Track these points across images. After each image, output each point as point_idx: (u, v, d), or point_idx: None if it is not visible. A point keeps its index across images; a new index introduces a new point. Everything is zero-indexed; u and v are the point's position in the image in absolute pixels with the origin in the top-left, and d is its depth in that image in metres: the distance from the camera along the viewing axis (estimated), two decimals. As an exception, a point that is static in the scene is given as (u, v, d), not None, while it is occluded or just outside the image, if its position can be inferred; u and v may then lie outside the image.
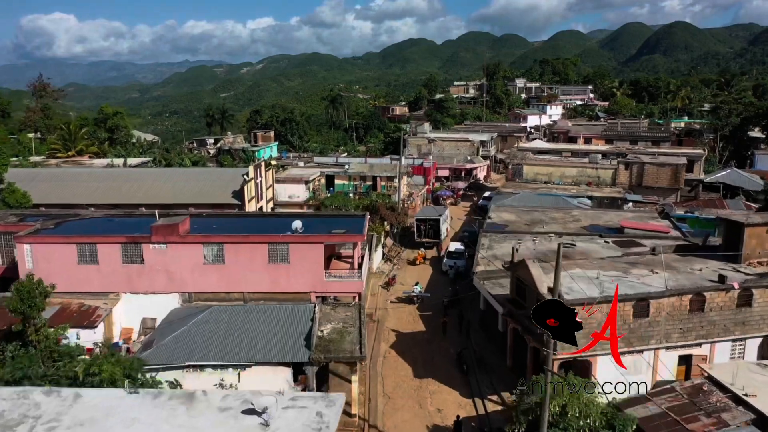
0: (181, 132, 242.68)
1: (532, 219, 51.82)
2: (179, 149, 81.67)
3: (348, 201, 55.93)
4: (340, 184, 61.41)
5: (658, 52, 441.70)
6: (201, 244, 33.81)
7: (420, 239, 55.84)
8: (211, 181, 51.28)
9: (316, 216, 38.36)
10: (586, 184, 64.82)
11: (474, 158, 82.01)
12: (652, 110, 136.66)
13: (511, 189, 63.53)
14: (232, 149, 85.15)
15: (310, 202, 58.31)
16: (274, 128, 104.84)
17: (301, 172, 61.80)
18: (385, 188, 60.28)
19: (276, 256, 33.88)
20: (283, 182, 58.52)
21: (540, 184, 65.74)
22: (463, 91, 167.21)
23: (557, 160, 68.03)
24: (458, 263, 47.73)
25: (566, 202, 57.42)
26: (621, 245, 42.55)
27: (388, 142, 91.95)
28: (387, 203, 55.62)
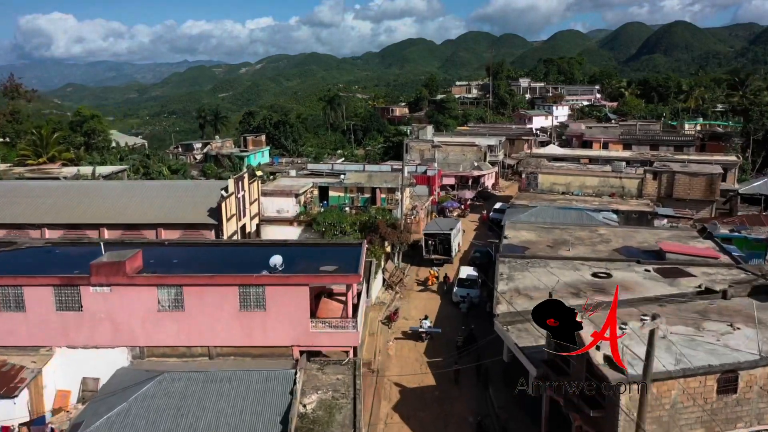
0: (178, 132, 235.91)
1: (555, 239, 44.58)
2: (161, 155, 74.38)
3: (343, 217, 48.60)
4: (334, 197, 54.06)
5: (659, 51, 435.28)
6: (155, 286, 26.46)
7: (429, 256, 48.71)
8: (184, 197, 43.91)
9: (302, 245, 31.18)
10: (609, 196, 57.50)
11: (481, 164, 74.68)
12: (663, 111, 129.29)
13: (525, 201, 56.18)
14: (220, 155, 77.79)
15: (300, 218, 50.96)
16: (267, 131, 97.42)
17: (291, 183, 54.46)
18: (386, 202, 52.98)
19: (249, 302, 26.55)
20: (270, 195, 51.16)
21: (557, 195, 58.39)
22: (465, 92, 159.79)
23: (576, 169, 60.67)
24: (471, 293, 40.46)
25: (590, 218, 50.12)
26: (665, 274, 35.39)
27: (388, 146, 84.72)
28: (387, 219, 48.32)
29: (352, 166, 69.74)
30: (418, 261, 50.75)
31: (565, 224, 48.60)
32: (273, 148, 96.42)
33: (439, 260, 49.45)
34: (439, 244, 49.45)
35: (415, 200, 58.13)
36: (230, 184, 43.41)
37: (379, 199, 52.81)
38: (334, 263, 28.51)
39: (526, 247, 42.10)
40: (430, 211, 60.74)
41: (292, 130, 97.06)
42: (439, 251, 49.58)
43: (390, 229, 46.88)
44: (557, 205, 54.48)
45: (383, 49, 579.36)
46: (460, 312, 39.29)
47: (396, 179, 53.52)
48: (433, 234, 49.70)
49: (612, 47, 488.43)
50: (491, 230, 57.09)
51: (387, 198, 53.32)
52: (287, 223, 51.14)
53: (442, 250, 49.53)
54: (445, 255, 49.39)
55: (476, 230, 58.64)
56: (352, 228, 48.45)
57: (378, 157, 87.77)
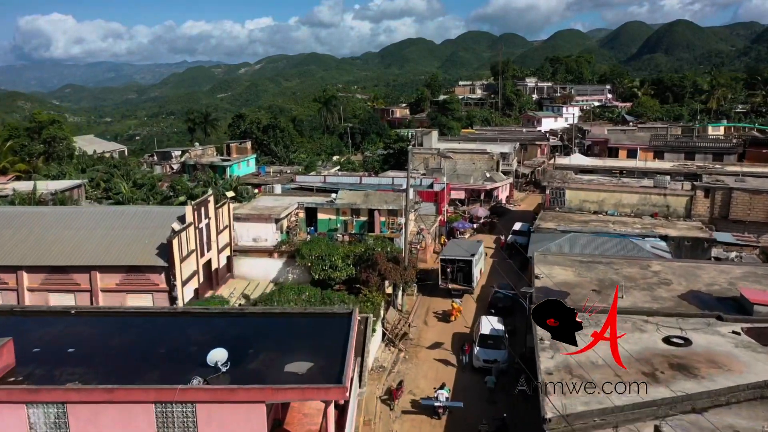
0: (176, 133, 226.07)
1: (600, 279, 34.69)
2: (130, 167, 64.40)
3: (333, 249, 38.65)
4: (324, 220, 44.11)
5: (660, 50, 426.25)
6: (23, 403, 16.51)
7: (446, 285, 40.32)
8: (129, 229, 33.89)
9: (263, 315, 21.21)
10: (651, 216, 47.55)
11: (494, 175, 64.69)
12: (681, 112, 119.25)
13: (552, 223, 46.22)
14: (199, 164, 67.78)
15: (282, 248, 41.01)
16: (255, 136, 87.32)
17: (273, 203, 44.47)
18: (386, 226, 42.99)
19: (173, 427, 16.60)
20: (245, 220, 41.19)
21: (588, 216, 48.46)
22: (468, 92, 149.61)
23: (609, 183, 50.63)
24: (499, 358, 30.54)
25: (637, 248, 40.14)
26: (759, 337, 25.83)
27: (388, 154, 74.78)
28: (388, 252, 38.39)
29: (346, 179, 59.80)
30: (430, 289, 41.93)
31: (608, 257, 38.71)
32: (262, 155, 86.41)
33: (457, 290, 40.39)
34: (458, 271, 40.34)
35: (420, 221, 48.13)
36: (187, 212, 33.43)
37: (378, 223, 42.83)
38: (308, 354, 18.52)
39: (566, 293, 32.13)
40: (438, 234, 50.79)
41: (283, 135, 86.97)
42: (459, 280, 40.39)
43: (391, 265, 36.95)
44: (591, 229, 44.54)
45: (383, 49, 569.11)
46: (485, 383, 29.31)
47: (398, 199, 43.57)
48: (452, 260, 40.54)
49: (612, 47, 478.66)
50: (511, 257, 47.21)
51: (387, 222, 43.35)
52: (266, 254, 41.20)
53: (461, 278, 40.39)
54: (466, 284, 40.41)
55: (493, 257, 48.60)
56: (344, 262, 38.58)
57: (377, 165, 77.77)
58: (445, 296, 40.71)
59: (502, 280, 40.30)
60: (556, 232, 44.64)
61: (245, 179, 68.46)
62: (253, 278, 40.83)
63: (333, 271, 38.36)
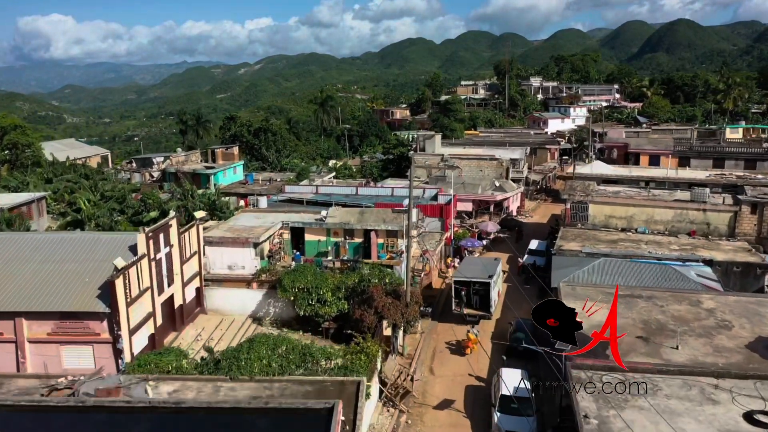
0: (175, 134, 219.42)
1: (644, 320, 28.32)
2: (101, 176, 57.79)
3: (322, 280, 32.11)
4: (312, 242, 37.51)
5: (661, 50, 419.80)
6: None
7: (459, 310, 35.17)
8: (69, 263, 27.33)
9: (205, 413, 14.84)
10: (688, 235, 40.98)
11: (504, 183, 58.09)
12: (694, 113, 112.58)
13: (575, 243, 39.64)
14: (180, 172, 61.19)
15: (262, 276, 34.47)
16: (246, 140, 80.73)
17: (253, 222, 37.88)
18: (385, 249, 36.42)
19: None
20: (218, 244, 34.64)
21: (616, 233, 41.87)
22: (471, 92, 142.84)
23: (638, 196, 43.98)
24: (524, 429, 24.01)
25: (680, 277, 33.55)
26: None
27: (388, 159, 68.19)
28: (387, 284, 31.88)
29: (341, 189, 53.20)
30: (440, 314, 36.66)
31: (649, 289, 32.19)
32: (253, 161, 79.85)
33: (473, 316, 35.04)
34: (474, 294, 35.18)
35: (424, 240, 41.57)
36: (140, 242, 26.86)
37: (375, 246, 36.21)
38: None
39: (605, 341, 25.61)
40: (444, 255, 44.22)
41: (275, 139, 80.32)
42: (475, 304, 35.25)
43: (390, 301, 30.42)
44: (623, 251, 37.95)
45: (383, 49, 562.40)
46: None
47: (398, 218, 36.98)
48: (467, 282, 34.99)
49: (613, 46, 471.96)
50: (527, 282, 40.68)
51: (386, 244, 36.77)
52: (243, 284, 34.64)
53: (477, 302, 35.25)
54: (482, 310, 35.24)
55: (506, 281, 41.98)
56: (334, 296, 32.09)
57: (376, 171, 71.23)
58: (458, 321, 35.06)
59: (518, 307, 33.73)
60: (581, 254, 38.13)
61: (231, 188, 61.94)
62: (228, 312, 34.32)
63: (321, 306, 31.90)
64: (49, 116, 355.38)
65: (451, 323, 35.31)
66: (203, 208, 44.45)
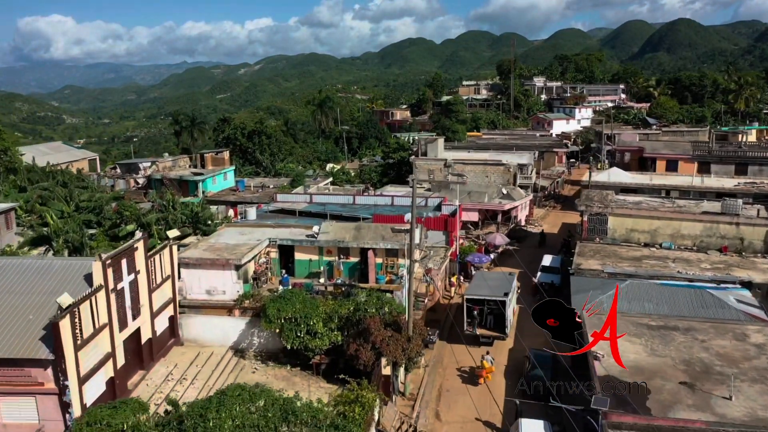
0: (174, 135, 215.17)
1: (685, 359, 24.29)
2: (89, 181, 53.79)
3: (312, 308, 27.93)
4: (303, 262, 33.33)
5: (662, 49, 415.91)
6: None
7: (472, 331, 31.92)
8: (14, 294, 23.12)
9: None
10: (719, 251, 36.77)
11: (512, 191, 53.82)
12: (703, 113, 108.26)
13: (595, 261, 35.41)
14: (166, 179, 56.98)
15: (245, 303, 30.27)
16: (239, 143, 76.50)
17: (237, 240, 33.67)
18: (383, 269, 32.22)
19: None
20: (196, 266, 30.43)
21: (639, 249, 37.65)
22: (473, 92, 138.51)
23: (663, 208, 39.66)
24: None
25: (719, 303, 29.33)
26: None
27: (389, 164, 63.94)
28: (386, 314, 27.72)
29: (337, 198, 48.99)
30: (448, 336, 33.12)
31: (685, 318, 27.99)
32: (246, 165, 75.64)
33: (487, 338, 31.95)
34: (489, 314, 32.13)
35: (427, 257, 37.33)
36: (96, 271, 22.67)
37: (373, 267, 31.99)
38: None
39: (645, 388, 21.51)
40: (449, 273, 39.97)
41: (270, 142, 76.06)
42: (488, 324, 32.18)
43: (389, 334, 26.31)
44: (649, 270, 33.73)
45: (383, 49, 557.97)
46: None
47: (399, 235, 32.74)
48: (480, 300, 31.93)
49: (613, 46, 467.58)
50: (540, 300, 36.38)
51: (385, 264, 32.56)
52: (223, 311, 30.45)
53: (492, 322, 32.19)
54: (497, 331, 32.13)
55: (518, 303, 37.70)
56: (325, 327, 27.94)
57: (375, 176, 67.03)
58: (470, 342, 31.29)
59: (533, 333, 29.48)
60: (602, 274, 33.95)
61: (221, 195, 57.82)
62: (207, 343, 30.20)
63: (311, 339, 27.75)
64: (48, 117, 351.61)
65: (462, 344, 31.37)
66: (185, 220, 40.29)
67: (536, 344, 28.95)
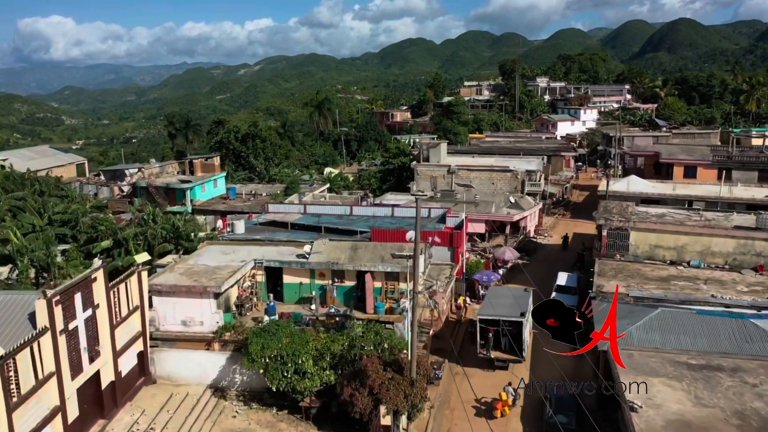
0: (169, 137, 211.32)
1: (736, 410, 20.51)
2: (69, 190, 50.02)
3: (301, 344, 24.16)
4: (293, 285, 29.59)
5: (662, 49, 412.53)
6: None
7: (485, 354, 28.90)
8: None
9: None
10: (755, 270, 32.98)
11: (520, 200, 50.03)
12: (713, 114, 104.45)
13: (618, 282, 31.63)
14: (152, 186, 53.17)
15: (225, 335, 26.49)
16: (233, 147, 72.73)
17: (219, 260, 29.91)
18: (383, 297, 28.47)
19: None
20: (170, 294, 26.64)
21: (664, 267, 33.86)
22: (475, 93, 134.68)
23: (689, 221, 35.83)
24: None
25: (764, 335, 25.57)
26: None
27: (389, 169, 60.17)
28: (385, 349, 23.97)
29: (332, 209, 45.16)
30: (468, 358, 29.60)
31: (729, 355, 24.21)
32: (240, 170, 71.86)
33: (502, 361, 28.88)
34: (503, 335, 28.99)
35: (431, 274, 33.52)
36: (40, 311, 18.90)
37: (370, 292, 28.19)
38: None
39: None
40: (454, 293, 36.13)
41: (264, 146, 72.28)
42: (504, 347, 29.02)
43: (389, 376, 22.52)
44: (679, 293, 29.95)
45: (383, 50, 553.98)
46: None
47: (400, 252, 28.91)
48: (494, 320, 28.77)
49: (614, 46, 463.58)
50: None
51: (384, 289, 28.77)
52: (201, 344, 26.68)
53: (507, 344, 28.94)
54: (513, 354, 28.49)
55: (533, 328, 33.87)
56: (316, 366, 24.17)
57: (374, 182, 63.26)
58: (483, 366, 28.96)
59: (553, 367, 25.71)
60: (627, 298, 30.16)
61: (210, 204, 54.07)
62: (182, 381, 26.42)
63: (300, 380, 23.99)
64: (47, 118, 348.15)
65: (472, 371, 27.90)
66: (166, 236, 36.49)
67: (551, 372, 25.24)
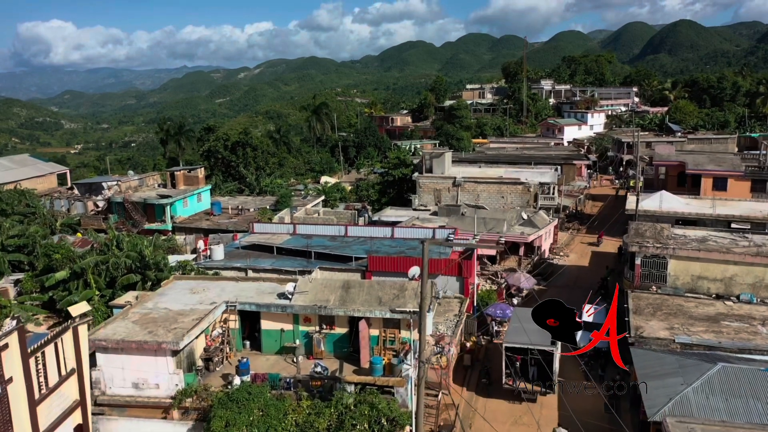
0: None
1: None
2: (38, 206, 44.93)
3: (277, 417, 18.94)
4: (273, 332, 24.42)
5: (663, 51, 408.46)
6: None
7: (511, 384, 26.06)
8: None
9: None
10: (818, 307, 27.69)
11: (534, 217, 44.75)
12: (726, 118, 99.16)
13: (659, 324, 26.40)
14: (128, 202, 47.94)
15: (185, 402, 21.23)
16: (221, 156, 67.51)
17: (185, 301, 24.74)
18: (381, 349, 23.30)
19: None
20: (117, 350, 21.43)
21: (711, 303, 28.63)
22: (477, 96, 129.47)
23: (736, 247, 30.58)
24: None
25: None
26: None
27: (389, 181, 54.98)
28: (382, 424, 18.71)
29: (324, 229, 39.88)
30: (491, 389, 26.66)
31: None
32: (230, 180, 66.63)
33: (530, 393, 25.84)
34: (533, 365, 26.18)
35: (439, 314, 28.30)
36: None
37: (366, 342, 22.95)
38: None
39: None
40: (465, 332, 30.83)
41: (255, 155, 67.12)
42: (532, 377, 26.22)
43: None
44: (734, 340, 24.72)
45: (382, 53, 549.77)
46: None
47: (401, 295, 23.71)
48: (522, 349, 26.01)
49: (614, 47, 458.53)
50: (589, 367, 27.53)
51: (382, 338, 23.54)
52: (157, 411, 21.41)
53: (536, 374, 26.06)
54: (543, 386, 25.92)
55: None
56: (297, 449, 18.85)
57: (373, 194, 58.02)
58: (509, 398, 26.30)
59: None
60: (673, 345, 24.91)
61: (192, 221, 48.86)
62: (134, 457, 21.18)
63: (275, 465, 18.68)
64: (46, 122, 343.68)
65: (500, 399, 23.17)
66: (131, 265, 31.27)
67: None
